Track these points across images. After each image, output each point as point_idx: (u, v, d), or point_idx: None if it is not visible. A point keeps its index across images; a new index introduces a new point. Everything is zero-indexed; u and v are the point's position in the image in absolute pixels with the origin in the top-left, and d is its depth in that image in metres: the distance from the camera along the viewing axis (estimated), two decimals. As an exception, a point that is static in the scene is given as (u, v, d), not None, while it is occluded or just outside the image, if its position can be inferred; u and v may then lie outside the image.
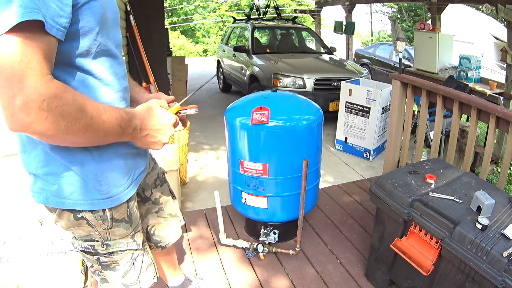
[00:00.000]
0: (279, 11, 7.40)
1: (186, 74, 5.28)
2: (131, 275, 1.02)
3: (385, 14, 16.51)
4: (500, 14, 3.99)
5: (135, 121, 0.77)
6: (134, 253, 1.01)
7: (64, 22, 0.62)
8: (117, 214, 0.91)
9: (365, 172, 3.52)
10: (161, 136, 0.82)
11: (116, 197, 0.88)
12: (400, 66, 3.46)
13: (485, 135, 3.32)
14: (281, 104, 1.91)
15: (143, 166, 0.99)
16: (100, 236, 0.92)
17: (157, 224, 1.24)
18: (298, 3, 17.78)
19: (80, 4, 0.67)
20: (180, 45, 16.74)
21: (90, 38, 0.72)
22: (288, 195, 1.98)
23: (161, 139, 0.82)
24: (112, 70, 0.83)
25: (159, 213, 1.23)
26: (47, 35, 0.59)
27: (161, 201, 1.23)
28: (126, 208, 0.93)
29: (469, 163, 2.24)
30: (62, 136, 0.63)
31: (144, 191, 1.16)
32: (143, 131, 0.78)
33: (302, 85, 4.47)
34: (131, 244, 0.98)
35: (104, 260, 0.96)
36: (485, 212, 1.35)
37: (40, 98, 0.57)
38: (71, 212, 0.85)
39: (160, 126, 0.80)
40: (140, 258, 1.03)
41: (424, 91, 2.45)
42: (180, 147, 3.04)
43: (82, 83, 0.74)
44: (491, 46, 10.01)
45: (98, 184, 0.82)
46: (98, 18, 0.73)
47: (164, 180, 1.26)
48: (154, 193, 1.19)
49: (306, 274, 1.94)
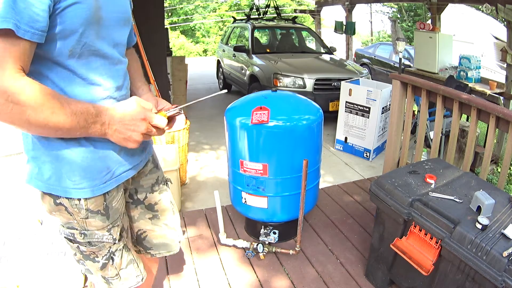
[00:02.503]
0: (279, 11, 7.40)
1: (186, 74, 5.28)
2: (110, 270, 1.03)
3: (385, 14, 16.52)
4: (500, 14, 3.99)
5: (103, 116, 0.78)
6: (112, 247, 1.00)
7: (41, 26, 0.69)
8: (92, 205, 0.92)
9: (365, 172, 3.52)
10: (131, 133, 0.80)
11: (89, 189, 0.90)
12: (400, 66, 3.46)
13: (485, 135, 3.32)
14: (281, 104, 1.91)
15: (131, 165, 0.99)
16: (78, 225, 0.94)
17: (150, 232, 1.20)
18: (298, 3, 17.78)
19: (61, 8, 0.72)
20: (180, 45, 16.74)
21: (73, 39, 0.77)
22: (288, 195, 1.98)
23: (132, 136, 0.81)
24: (101, 70, 0.86)
25: (153, 221, 1.19)
26: (21, 39, 0.67)
27: (156, 208, 1.18)
28: (103, 201, 0.94)
29: (469, 163, 2.24)
30: (26, 126, 0.71)
31: (136, 193, 1.13)
32: (112, 125, 0.78)
33: (302, 85, 4.47)
34: (107, 237, 0.98)
35: (83, 249, 0.98)
36: (485, 212, 1.35)
37: (5, 92, 0.66)
38: (51, 196, 0.90)
39: (129, 121, 0.79)
40: (119, 253, 1.02)
41: (424, 91, 2.45)
42: (180, 147, 3.04)
43: (65, 81, 0.80)
44: (491, 46, 10.01)
45: (71, 174, 0.87)
46: (83, 20, 0.77)
47: (165, 189, 1.22)
48: (149, 197, 1.16)
49: (306, 274, 1.94)
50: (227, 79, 6.64)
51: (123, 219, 1.04)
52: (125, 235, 1.04)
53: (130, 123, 0.79)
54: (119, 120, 0.79)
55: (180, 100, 4.99)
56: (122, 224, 1.03)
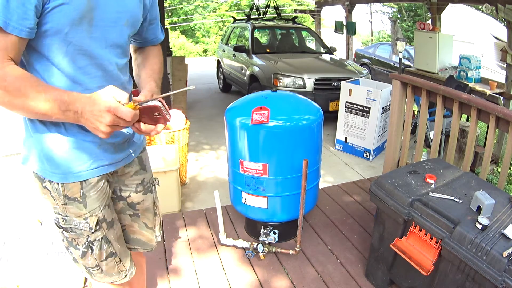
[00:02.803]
0: (279, 11, 7.40)
1: (186, 74, 5.27)
2: (90, 259, 1.06)
3: (385, 14, 16.51)
4: (500, 14, 3.99)
5: (77, 104, 0.79)
6: (90, 236, 1.03)
7: (29, 24, 0.76)
8: (69, 192, 0.97)
9: (365, 172, 3.52)
10: (98, 123, 0.80)
11: (63, 175, 0.95)
12: (400, 66, 3.46)
13: (485, 135, 3.32)
14: (281, 104, 1.91)
15: (108, 161, 1.02)
16: (60, 210, 1.00)
17: (129, 227, 1.23)
18: (298, 3, 17.78)
19: (50, 8, 0.78)
20: (180, 45, 16.73)
21: (59, 38, 0.83)
22: (288, 195, 1.98)
23: (99, 126, 0.81)
24: (87, 70, 0.89)
25: (133, 218, 1.22)
26: (10, 34, 0.75)
27: (138, 208, 1.21)
28: (79, 189, 0.98)
29: (469, 163, 2.24)
30: (8, 107, 0.79)
31: (121, 191, 1.16)
32: (83, 114, 0.80)
33: (302, 85, 4.47)
34: (83, 224, 1.01)
35: (66, 235, 1.03)
36: (485, 212, 1.35)
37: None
38: (38, 179, 0.98)
39: (97, 112, 0.79)
40: (98, 243, 1.05)
41: (424, 91, 2.46)
42: (180, 147, 3.04)
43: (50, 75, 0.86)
44: (491, 46, 10.01)
45: (50, 158, 0.94)
46: (69, 20, 0.81)
47: (150, 191, 1.24)
48: (132, 196, 1.18)
49: (306, 274, 1.94)
50: (227, 79, 6.64)
51: (105, 211, 1.05)
52: (105, 227, 1.06)
53: (97, 114, 0.79)
54: (88, 110, 0.79)
55: (180, 100, 4.99)
56: (104, 216, 1.05)
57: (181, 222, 2.41)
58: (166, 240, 2.21)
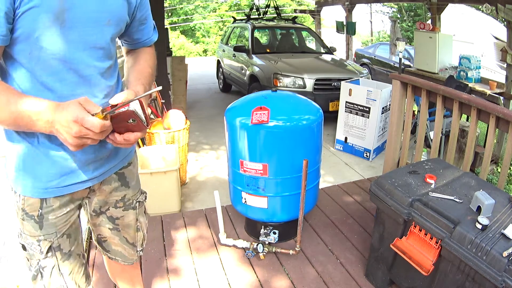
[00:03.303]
0: (279, 11, 7.40)
1: (186, 74, 5.28)
2: (39, 285, 1.00)
3: (385, 14, 16.50)
4: (500, 14, 3.99)
5: (48, 114, 0.75)
6: (41, 261, 0.98)
7: (1, 31, 0.74)
8: (28, 207, 0.93)
9: (365, 172, 3.52)
10: (66, 135, 0.75)
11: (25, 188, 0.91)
12: (400, 66, 3.46)
13: (485, 135, 3.32)
14: (281, 104, 1.91)
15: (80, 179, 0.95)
16: (19, 223, 0.96)
17: (110, 239, 1.18)
18: (298, 3, 17.77)
19: (20, 13, 0.75)
20: (180, 45, 16.73)
21: (30, 43, 0.79)
22: (288, 195, 1.98)
23: (66, 138, 0.75)
24: (60, 76, 0.84)
25: (113, 231, 1.17)
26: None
27: (118, 222, 1.15)
28: (38, 207, 0.93)
29: (469, 163, 2.24)
30: None
31: (100, 208, 1.11)
32: (54, 124, 0.75)
33: (302, 85, 4.47)
34: (35, 246, 0.96)
35: (23, 251, 0.99)
36: (485, 212, 1.35)
37: None
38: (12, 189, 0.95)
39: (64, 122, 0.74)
40: (48, 270, 0.99)
41: (424, 91, 2.46)
42: (180, 147, 3.04)
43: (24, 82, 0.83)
44: (491, 46, 10.01)
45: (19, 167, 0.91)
46: (39, 24, 0.77)
47: (132, 208, 1.17)
48: (112, 211, 1.13)
49: (306, 274, 1.94)
50: (227, 79, 6.64)
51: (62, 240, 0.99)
52: (59, 257, 1.00)
53: (65, 124, 0.74)
54: (58, 120, 0.75)
55: (180, 100, 4.99)
56: (59, 245, 0.99)
57: (181, 222, 2.41)
58: (166, 240, 2.21)
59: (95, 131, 0.74)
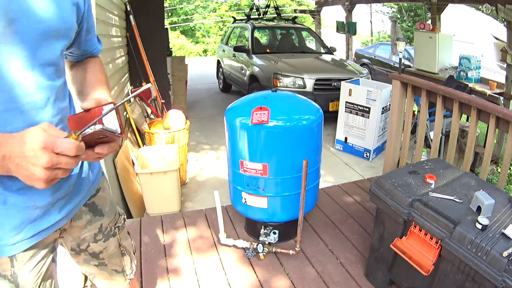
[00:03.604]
0: (279, 11, 7.41)
1: (186, 74, 5.28)
2: None
3: (385, 14, 16.51)
4: (500, 14, 4.00)
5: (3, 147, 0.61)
6: None
7: None
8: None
9: (365, 172, 3.52)
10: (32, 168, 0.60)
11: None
12: (400, 66, 3.46)
13: (485, 135, 3.32)
14: (281, 104, 1.91)
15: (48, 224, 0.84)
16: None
17: (98, 274, 1.11)
18: (298, 3, 17.78)
19: None
20: (180, 45, 16.74)
21: None
22: (288, 195, 1.98)
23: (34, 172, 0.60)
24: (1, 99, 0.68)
25: (100, 267, 1.09)
26: None
27: (102, 256, 1.07)
28: (9, 266, 0.80)
29: (469, 163, 2.24)
30: None
31: (79, 246, 1.02)
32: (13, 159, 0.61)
33: (302, 85, 4.47)
34: None
35: None
36: (485, 212, 1.35)
37: None
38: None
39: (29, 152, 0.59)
40: None
41: (424, 91, 2.46)
42: (180, 147, 3.04)
43: None
44: (491, 46, 10.01)
45: None
46: None
47: (112, 235, 1.08)
48: (92, 246, 1.03)
49: (306, 274, 1.94)
50: (227, 79, 6.65)
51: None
52: None
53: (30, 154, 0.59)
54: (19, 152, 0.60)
55: (180, 100, 4.99)
56: None
57: (181, 222, 2.41)
58: (166, 240, 2.21)
59: (70, 154, 0.61)
